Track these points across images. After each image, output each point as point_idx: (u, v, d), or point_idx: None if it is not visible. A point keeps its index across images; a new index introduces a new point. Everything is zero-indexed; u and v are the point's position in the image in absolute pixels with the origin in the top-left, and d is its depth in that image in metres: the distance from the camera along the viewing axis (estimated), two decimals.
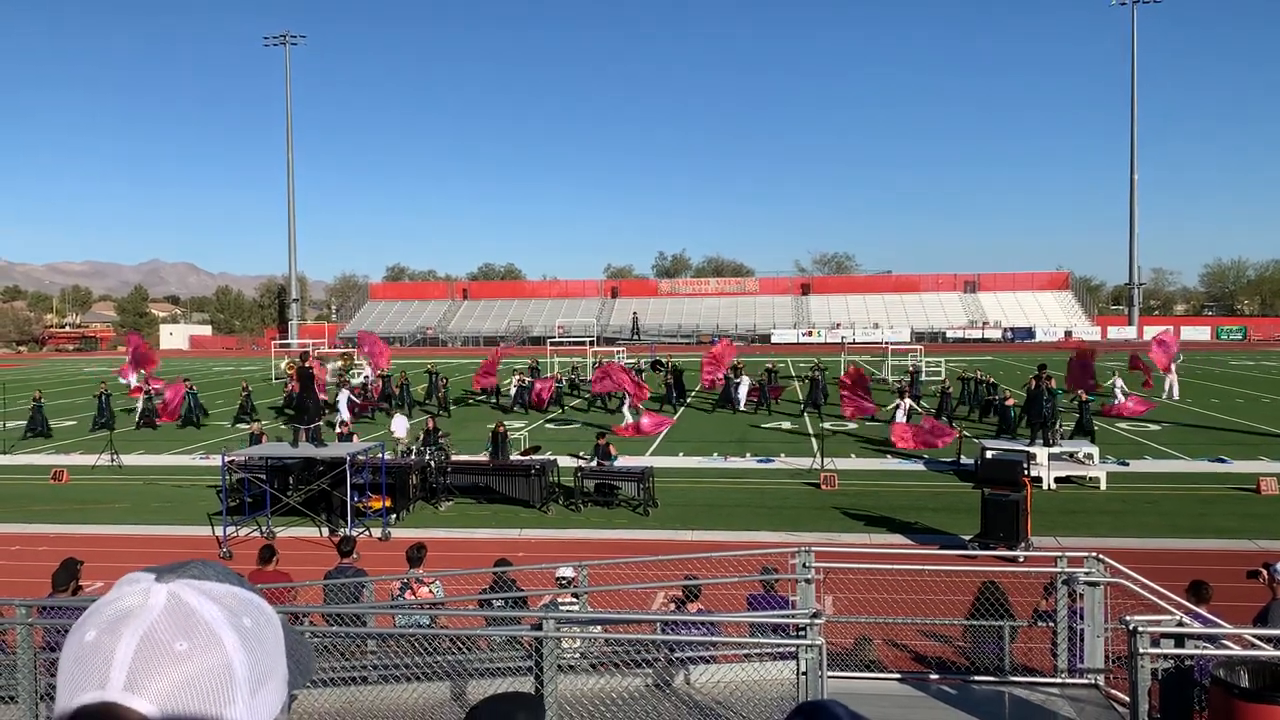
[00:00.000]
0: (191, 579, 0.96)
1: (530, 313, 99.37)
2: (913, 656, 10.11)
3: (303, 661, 1.06)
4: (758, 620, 8.11)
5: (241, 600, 0.97)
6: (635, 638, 7.42)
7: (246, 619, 0.95)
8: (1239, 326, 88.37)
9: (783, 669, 6.42)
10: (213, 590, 0.96)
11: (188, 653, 0.89)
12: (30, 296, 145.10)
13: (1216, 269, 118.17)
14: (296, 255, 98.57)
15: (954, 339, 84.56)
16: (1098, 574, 7.69)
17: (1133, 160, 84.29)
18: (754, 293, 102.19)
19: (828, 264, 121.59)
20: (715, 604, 10.76)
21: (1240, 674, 5.57)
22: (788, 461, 23.29)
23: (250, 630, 0.94)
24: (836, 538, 15.48)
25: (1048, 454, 20.16)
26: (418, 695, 6.90)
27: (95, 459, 24.39)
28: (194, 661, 0.89)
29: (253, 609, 0.97)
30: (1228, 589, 9.50)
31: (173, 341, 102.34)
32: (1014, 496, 14.41)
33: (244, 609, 0.96)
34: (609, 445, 20.08)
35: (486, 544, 15.84)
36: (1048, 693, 7.60)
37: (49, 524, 17.92)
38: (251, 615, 0.96)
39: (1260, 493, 18.59)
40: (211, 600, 0.94)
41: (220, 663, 0.90)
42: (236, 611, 0.95)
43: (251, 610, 0.97)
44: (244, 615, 0.95)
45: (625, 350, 51.31)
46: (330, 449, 17.90)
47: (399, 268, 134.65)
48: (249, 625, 0.94)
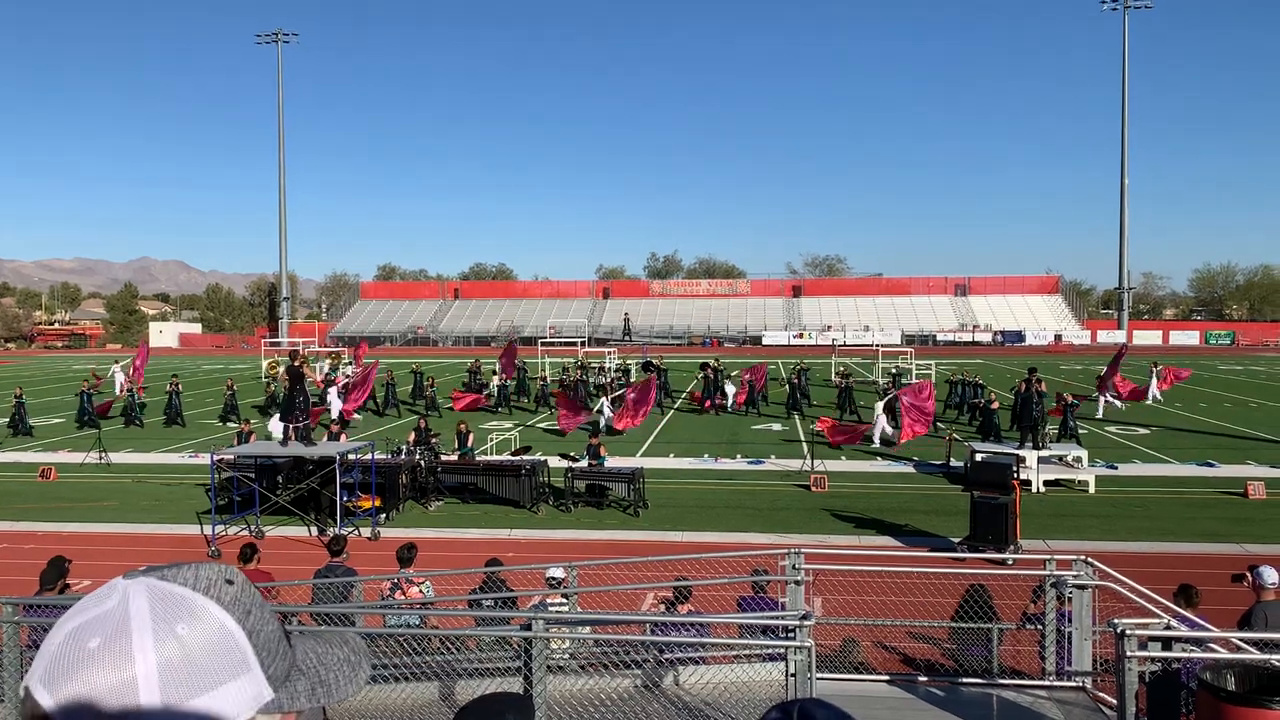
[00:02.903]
0: (156, 579, 0.95)
1: (521, 313, 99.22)
2: (901, 659, 10.13)
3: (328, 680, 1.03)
4: (747, 622, 8.11)
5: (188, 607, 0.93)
6: (625, 638, 7.42)
7: (182, 626, 0.91)
8: (1228, 331, 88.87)
9: (772, 670, 6.42)
10: (165, 592, 0.93)
11: (95, 651, 0.88)
12: (19, 293, 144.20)
13: (1206, 274, 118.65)
14: (287, 253, 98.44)
15: (944, 342, 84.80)
16: (1086, 577, 7.71)
17: (1123, 165, 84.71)
18: (745, 294, 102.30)
19: (819, 266, 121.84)
20: (705, 605, 10.76)
21: (1227, 677, 5.59)
22: (778, 463, 23.31)
23: (180, 638, 0.91)
24: (826, 540, 15.49)
25: (1037, 457, 20.22)
26: (407, 695, 6.88)
27: (83, 457, 24.26)
28: (96, 661, 0.88)
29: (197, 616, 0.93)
30: (1215, 593, 9.55)
31: (162, 339, 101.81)
32: (1003, 499, 14.45)
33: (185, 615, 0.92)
34: (600, 446, 20.08)
35: (476, 544, 15.82)
36: (1035, 695, 7.62)
37: (36, 522, 17.81)
38: (193, 623, 0.92)
39: (1248, 497, 18.68)
40: (149, 601, 0.92)
41: (123, 666, 0.88)
42: (175, 617, 0.92)
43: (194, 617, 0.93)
44: (181, 622, 0.92)
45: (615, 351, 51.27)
46: (319, 448, 17.84)
47: (390, 267, 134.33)
48: (181, 633, 0.91)
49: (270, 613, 1.01)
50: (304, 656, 1.04)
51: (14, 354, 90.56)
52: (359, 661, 1.08)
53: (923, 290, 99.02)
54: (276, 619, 1.02)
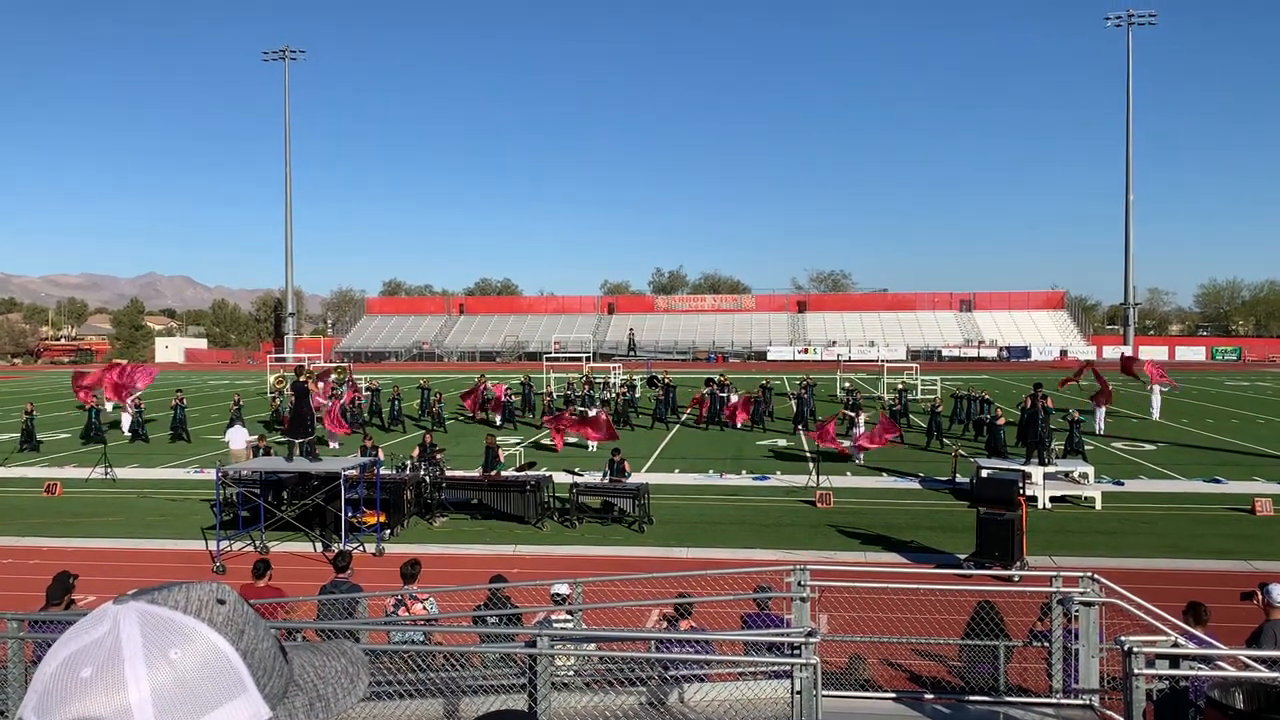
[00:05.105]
0: (145, 603, 0.94)
1: (527, 328, 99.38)
2: (908, 676, 10.08)
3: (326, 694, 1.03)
4: (753, 639, 8.08)
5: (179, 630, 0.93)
6: (630, 655, 7.39)
7: (175, 651, 0.91)
8: (1234, 347, 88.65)
9: (778, 688, 6.39)
10: (155, 616, 0.93)
11: (88, 681, 0.88)
12: (26, 309, 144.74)
13: (1212, 289, 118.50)
14: (293, 269, 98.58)
15: (950, 357, 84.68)
16: (1093, 594, 7.67)
17: (1128, 180, 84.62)
18: (750, 310, 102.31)
19: (824, 282, 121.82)
20: (710, 622, 10.72)
21: (1235, 695, 5.56)
22: (783, 479, 23.26)
23: (173, 663, 0.90)
24: (832, 556, 15.45)
25: (1043, 473, 20.16)
26: (411, 712, 6.86)
27: (89, 472, 24.30)
28: (90, 691, 0.87)
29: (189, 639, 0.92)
30: (1223, 610, 9.49)
31: (168, 355, 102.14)
32: (1009, 516, 14.40)
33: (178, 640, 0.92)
34: (624, 461, 20.06)
35: (481, 560, 15.79)
36: (1043, 713, 7.58)
37: (42, 537, 17.83)
38: (185, 647, 0.91)
39: (1255, 513, 18.59)
40: (140, 627, 0.91)
41: (116, 695, 0.87)
42: (166, 643, 0.91)
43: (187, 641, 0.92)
44: (173, 647, 0.91)
45: (621, 366, 51.28)
46: (324, 464, 17.85)
47: (395, 282, 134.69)
48: (174, 657, 0.90)
49: (266, 629, 0.99)
50: (301, 671, 1.03)
51: (21, 369, 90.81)
52: (357, 673, 1.07)
53: (928, 306, 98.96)
54: (272, 635, 1.00)
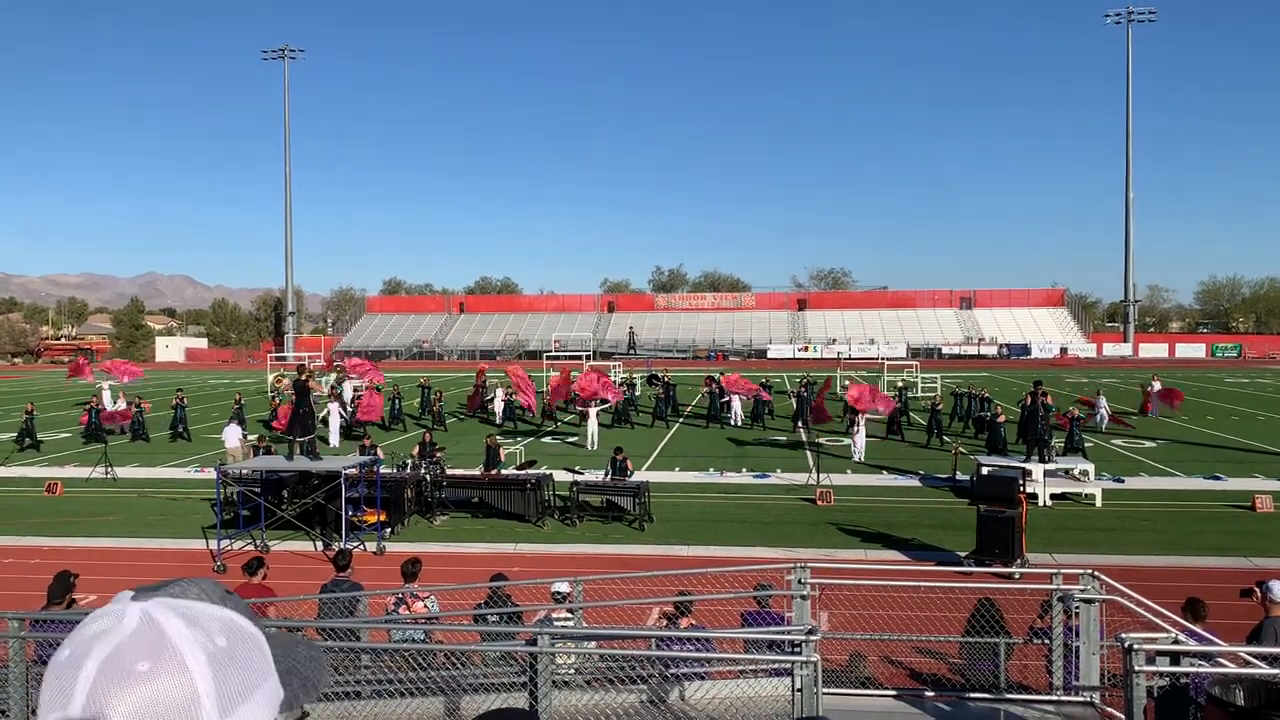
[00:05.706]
0: (168, 597, 0.96)
1: (527, 326, 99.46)
2: (908, 673, 10.08)
3: (309, 676, 1.05)
4: (753, 636, 8.09)
5: (216, 619, 0.96)
6: (630, 653, 7.39)
7: (221, 638, 0.94)
8: (1234, 344, 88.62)
9: (778, 685, 6.40)
10: (188, 609, 0.95)
11: (149, 673, 0.88)
12: (26, 308, 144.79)
13: (1212, 286, 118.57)
14: (293, 268, 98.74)
15: (950, 355, 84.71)
16: (1093, 591, 7.67)
17: (1128, 178, 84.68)
18: (750, 308, 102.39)
19: (824, 280, 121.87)
20: (711, 620, 10.73)
21: (1236, 692, 5.56)
22: (784, 477, 23.27)
23: (223, 650, 0.93)
24: (832, 554, 15.45)
25: (1043, 471, 20.17)
26: (412, 710, 6.87)
27: (89, 471, 24.30)
28: (155, 683, 0.88)
29: (228, 627, 0.96)
30: (1223, 607, 9.49)
31: (168, 354, 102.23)
32: (1009, 513, 14.41)
33: (218, 628, 0.95)
34: (626, 460, 20.07)
35: (481, 558, 15.80)
36: (1043, 710, 7.58)
37: (43, 537, 17.84)
38: (227, 634, 0.95)
39: (1255, 510, 18.60)
40: (182, 619, 0.93)
41: (183, 684, 0.89)
42: (210, 630, 0.94)
43: (227, 628, 0.96)
44: (217, 635, 0.94)
45: (621, 364, 51.28)
46: (325, 463, 17.86)
47: (395, 281, 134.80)
48: (222, 645, 0.93)
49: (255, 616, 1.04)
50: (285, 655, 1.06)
51: (21, 369, 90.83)
52: (319, 657, 1.11)
53: (928, 303, 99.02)
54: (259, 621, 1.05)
